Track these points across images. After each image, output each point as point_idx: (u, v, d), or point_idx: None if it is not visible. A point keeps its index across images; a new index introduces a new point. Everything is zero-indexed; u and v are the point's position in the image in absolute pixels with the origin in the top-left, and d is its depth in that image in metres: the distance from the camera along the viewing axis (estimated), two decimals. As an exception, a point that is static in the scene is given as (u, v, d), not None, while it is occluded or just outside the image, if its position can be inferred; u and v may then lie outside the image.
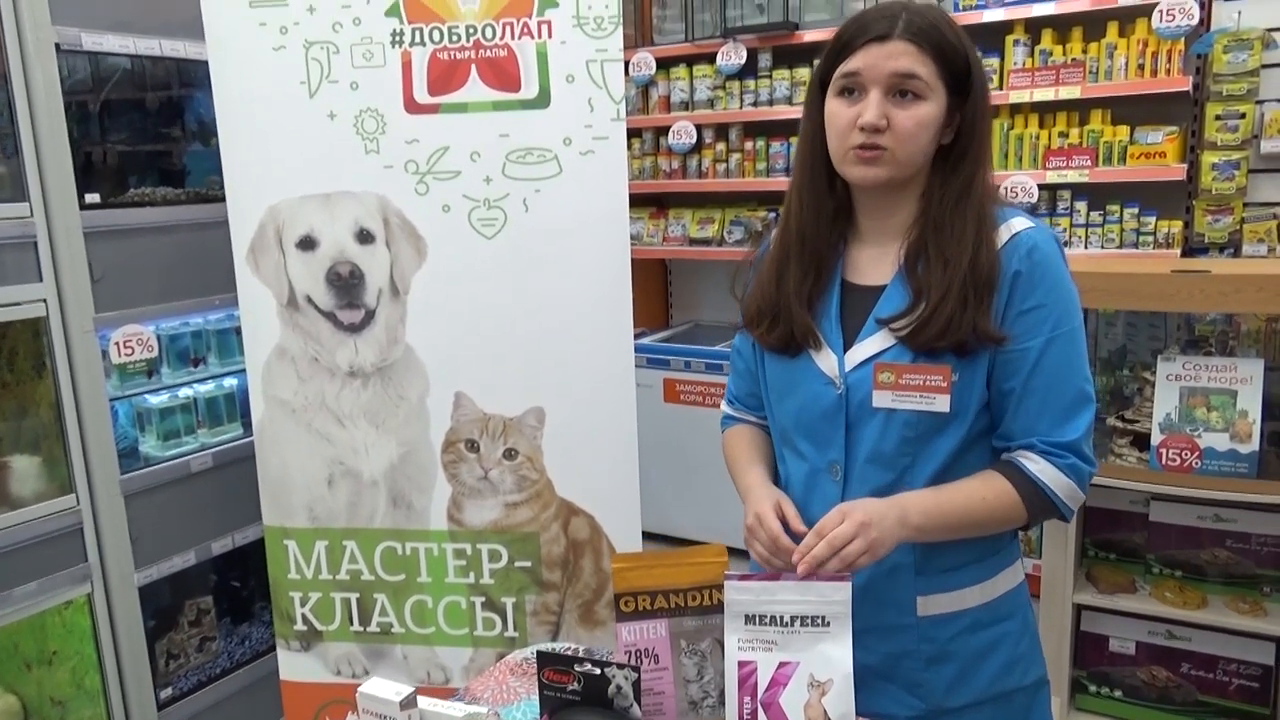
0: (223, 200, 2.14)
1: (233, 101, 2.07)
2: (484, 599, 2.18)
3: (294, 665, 2.27)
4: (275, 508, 2.21)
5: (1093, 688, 2.29)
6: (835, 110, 1.18)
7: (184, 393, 2.37)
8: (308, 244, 2.08)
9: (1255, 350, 2.12)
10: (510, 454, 2.11)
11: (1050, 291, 1.15)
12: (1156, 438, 2.05)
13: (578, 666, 1.18)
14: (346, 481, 2.17)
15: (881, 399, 1.17)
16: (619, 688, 1.16)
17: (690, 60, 3.94)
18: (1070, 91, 3.17)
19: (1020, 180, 3.25)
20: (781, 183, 3.63)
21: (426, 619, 2.21)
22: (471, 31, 1.99)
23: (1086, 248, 3.25)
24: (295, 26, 2.01)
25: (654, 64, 3.96)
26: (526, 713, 1.34)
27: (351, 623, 2.23)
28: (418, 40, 2.00)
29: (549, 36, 1.97)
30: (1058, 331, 1.15)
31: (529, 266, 2.05)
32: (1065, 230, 3.28)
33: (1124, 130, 3.15)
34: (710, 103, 3.92)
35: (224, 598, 2.53)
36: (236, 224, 2.11)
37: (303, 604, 2.23)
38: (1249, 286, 1.92)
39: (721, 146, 3.94)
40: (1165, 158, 3.07)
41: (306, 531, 2.20)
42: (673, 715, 1.27)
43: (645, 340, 3.95)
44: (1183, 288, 1.99)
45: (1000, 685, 1.24)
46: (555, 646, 1.57)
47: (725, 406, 1.48)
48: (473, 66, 2.00)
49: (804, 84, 3.63)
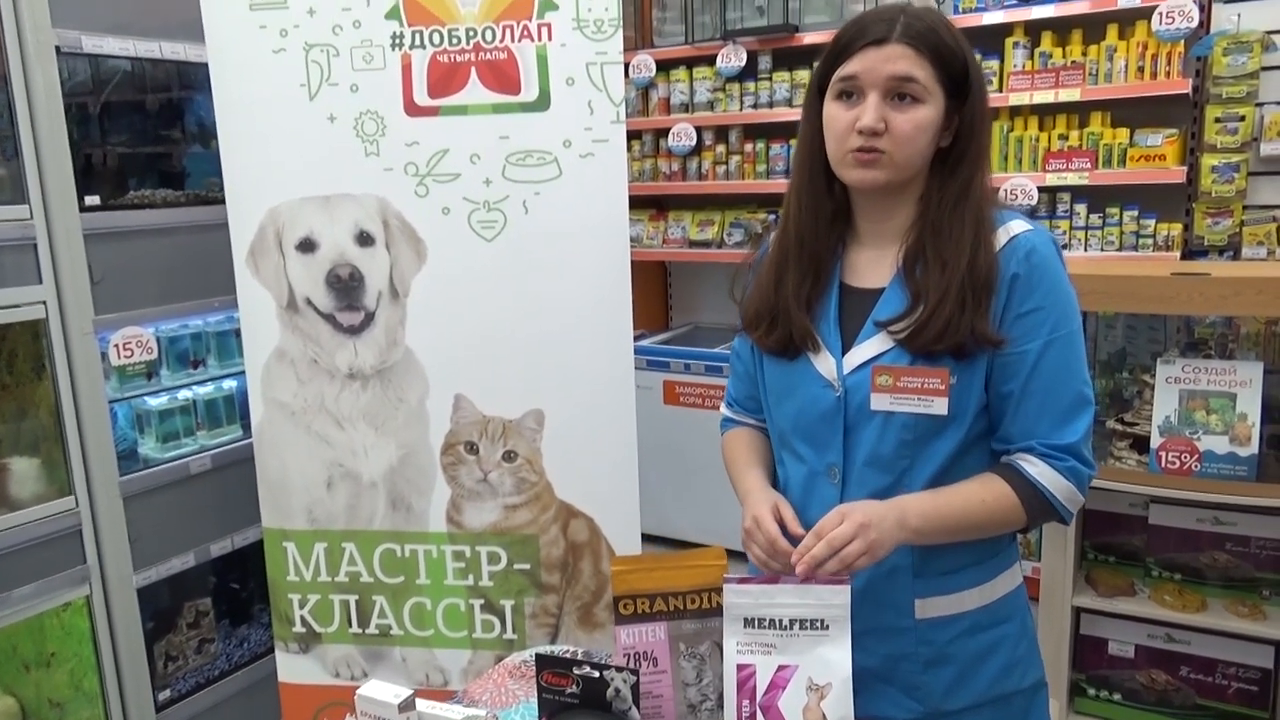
0: (222, 202, 2.14)
1: (233, 104, 2.07)
2: (483, 601, 2.18)
3: (292, 667, 2.27)
4: (274, 510, 2.21)
5: (1092, 691, 2.29)
6: (833, 113, 1.18)
7: (183, 395, 2.37)
8: (307, 246, 2.08)
9: (1255, 353, 2.12)
10: (510, 456, 2.11)
11: (1049, 294, 1.15)
12: (1156, 440, 2.05)
13: (576, 669, 1.18)
14: (346, 483, 2.17)
15: (879, 402, 1.17)
16: (618, 691, 1.16)
17: (690, 62, 3.95)
18: (1070, 94, 3.17)
19: (1020, 182, 3.25)
20: (781, 185, 3.61)
21: (425, 621, 2.21)
22: (471, 34, 1.99)
23: (1086, 250, 3.26)
24: (295, 29, 2.02)
25: (654, 66, 3.96)
26: (525, 715, 1.34)
27: (350, 625, 2.23)
28: (418, 43, 2.00)
29: (549, 39, 1.97)
30: (1056, 334, 1.15)
31: (529, 269, 2.05)
32: (1065, 233, 3.28)
33: (1124, 133, 3.15)
34: (710, 105, 3.92)
35: (223, 600, 2.53)
36: (236, 226, 2.11)
37: (301, 606, 2.23)
38: (1248, 289, 1.93)
39: (721, 149, 3.94)
40: (1165, 160, 3.07)
41: (305, 533, 2.20)
42: (671, 718, 1.27)
43: (645, 342, 3.95)
44: (1182, 290, 1.99)
45: (998, 688, 1.24)
46: (554, 649, 1.57)
47: (724, 409, 1.48)
48: (473, 69, 2.00)
49: (804, 86, 3.61)
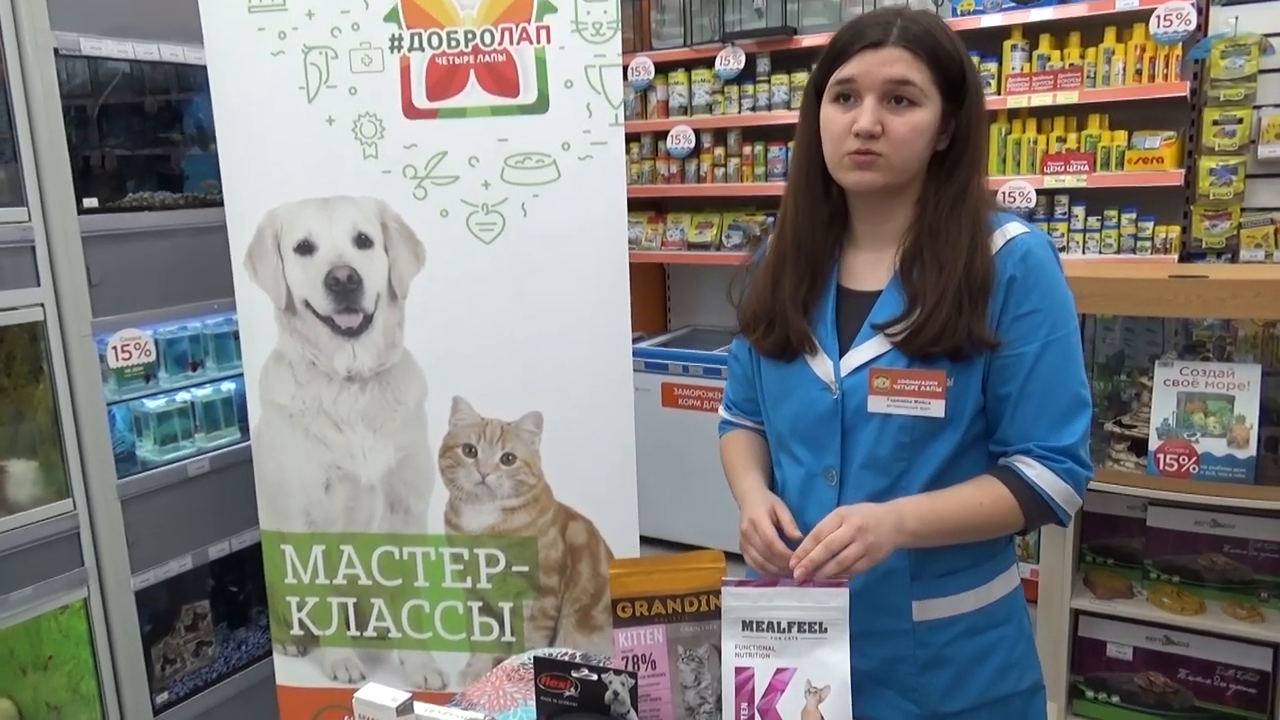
0: (221, 205, 2.14)
1: (231, 106, 2.07)
2: (481, 604, 2.18)
3: (290, 670, 2.27)
4: (272, 512, 2.21)
5: (1090, 693, 2.29)
6: (830, 116, 1.18)
7: (181, 397, 2.36)
8: (306, 248, 2.08)
9: (1252, 355, 2.12)
10: (508, 459, 2.11)
11: (1045, 296, 1.16)
12: (1154, 443, 2.05)
13: (575, 672, 1.18)
14: (344, 486, 2.17)
15: (877, 404, 1.17)
16: (616, 694, 1.16)
17: (689, 65, 3.95)
18: (1068, 97, 3.17)
19: (1018, 185, 3.26)
20: (780, 187, 3.61)
21: (424, 624, 2.21)
22: (470, 37, 1.99)
23: (1084, 253, 3.26)
24: (294, 31, 2.02)
25: (652, 69, 3.97)
26: (523, 718, 1.34)
27: (348, 627, 2.23)
28: (416, 45, 2.01)
29: (548, 42, 1.97)
30: (1053, 336, 1.15)
31: (527, 271, 2.05)
32: (1063, 235, 3.28)
33: (1122, 135, 3.16)
34: (709, 107, 3.92)
35: (220, 602, 2.53)
36: (235, 228, 2.11)
37: (299, 609, 2.23)
38: (1246, 292, 1.93)
39: (720, 151, 3.94)
40: (1163, 163, 3.08)
41: (303, 536, 2.20)
42: (669, 721, 1.26)
43: (643, 345, 3.95)
44: (1180, 293, 1.99)
45: (996, 690, 1.24)
46: (552, 652, 1.57)
47: (723, 411, 1.48)
48: (471, 72, 2.00)
49: (803, 89, 3.62)
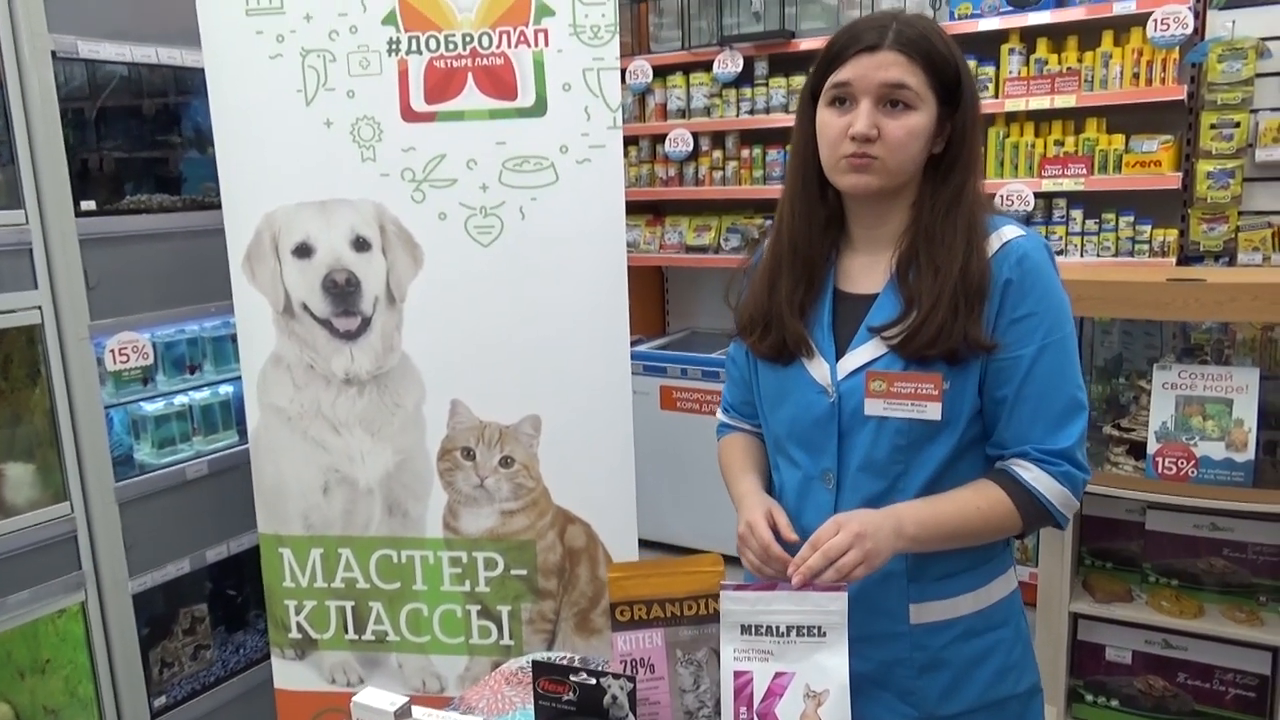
0: (219, 207, 2.14)
1: (229, 109, 2.07)
2: (480, 607, 2.18)
3: (288, 674, 2.27)
4: (270, 515, 2.21)
5: (1089, 697, 2.29)
6: (826, 120, 1.18)
7: (179, 400, 2.36)
8: (304, 251, 2.08)
9: (1251, 359, 2.12)
10: (506, 462, 2.11)
11: (1041, 299, 1.16)
12: (1152, 446, 2.05)
13: (573, 676, 1.17)
14: (342, 489, 2.16)
15: (873, 407, 1.17)
16: (614, 698, 1.16)
17: (687, 68, 3.95)
18: (1066, 100, 3.18)
19: (1016, 188, 3.26)
20: (778, 190, 3.61)
21: (422, 627, 2.20)
22: (468, 40, 1.99)
23: (1082, 256, 3.26)
24: (292, 34, 2.02)
25: (650, 72, 3.97)
26: (521, 722, 1.34)
27: (346, 631, 2.22)
28: (414, 48, 2.01)
29: (546, 45, 1.98)
30: (1049, 339, 1.15)
31: (525, 274, 2.05)
32: (1061, 238, 3.28)
33: (1119, 139, 3.16)
34: (707, 110, 3.93)
35: (218, 606, 2.52)
36: (233, 231, 2.11)
37: (298, 612, 2.22)
38: (1244, 295, 1.93)
39: (718, 154, 3.95)
40: (1160, 166, 3.08)
41: (302, 539, 2.19)
42: (667, 725, 1.26)
43: (642, 348, 3.95)
44: (1178, 296, 1.99)
45: (993, 693, 1.24)
46: (551, 656, 1.57)
47: (721, 415, 1.48)
48: (469, 75, 2.00)
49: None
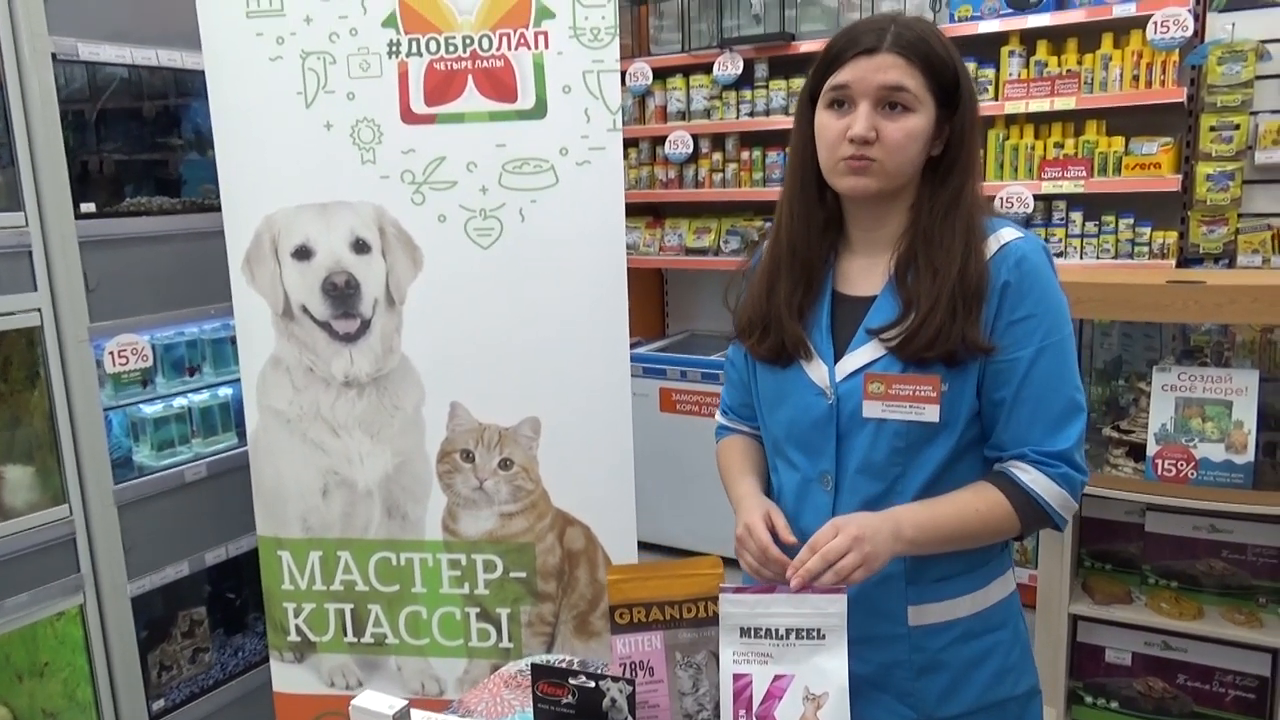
0: (218, 210, 2.14)
1: (229, 111, 2.07)
2: (479, 610, 2.18)
3: (287, 677, 2.26)
4: (269, 518, 2.21)
5: (1089, 699, 2.28)
6: (825, 122, 1.18)
7: (179, 402, 2.36)
8: (303, 254, 2.08)
9: (1250, 361, 2.12)
10: (505, 464, 2.11)
11: (1040, 301, 1.16)
12: (1152, 448, 2.05)
13: (572, 679, 1.17)
14: (341, 492, 2.16)
15: (872, 409, 1.17)
16: (614, 701, 1.16)
17: (687, 70, 3.95)
18: (1065, 102, 3.18)
19: (1016, 191, 3.26)
20: (777, 192, 3.61)
21: (421, 630, 2.20)
22: (468, 42, 1.99)
23: (1082, 258, 3.26)
24: (292, 37, 2.02)
25: (650, 74, 3.97)
26: (520, 725, 1.34)
27: (345, 634, 2.22)
28: (414, 51, 2.01)
29: (546, 47, 1.98)
30: (1048, 341, 1.15)
31: (525, 276, 2.05)
32: (1061, 241, 3.28)
33: (1119, 141, 3.16)
34: (706, 113, 3.93)
35: (217, 608, 2.52)
36: (232, 233, 2.11)
37: (296, 615, 2.22)
38: (1244, 297, 1.93)
39: (718, 156, 3.95)
40: (1160, 169, 3.08)
41: (300, 542, 2.19)
42: (666, 728, 1.26)
43: (641, 350, 3.95)
44: (1178, 298, 1.99)
45: (992, 695, 1.24)
46: (550, 658, 1.57)
47: (720, 417, 1.48)
48: (469, 77, 2.00)
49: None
